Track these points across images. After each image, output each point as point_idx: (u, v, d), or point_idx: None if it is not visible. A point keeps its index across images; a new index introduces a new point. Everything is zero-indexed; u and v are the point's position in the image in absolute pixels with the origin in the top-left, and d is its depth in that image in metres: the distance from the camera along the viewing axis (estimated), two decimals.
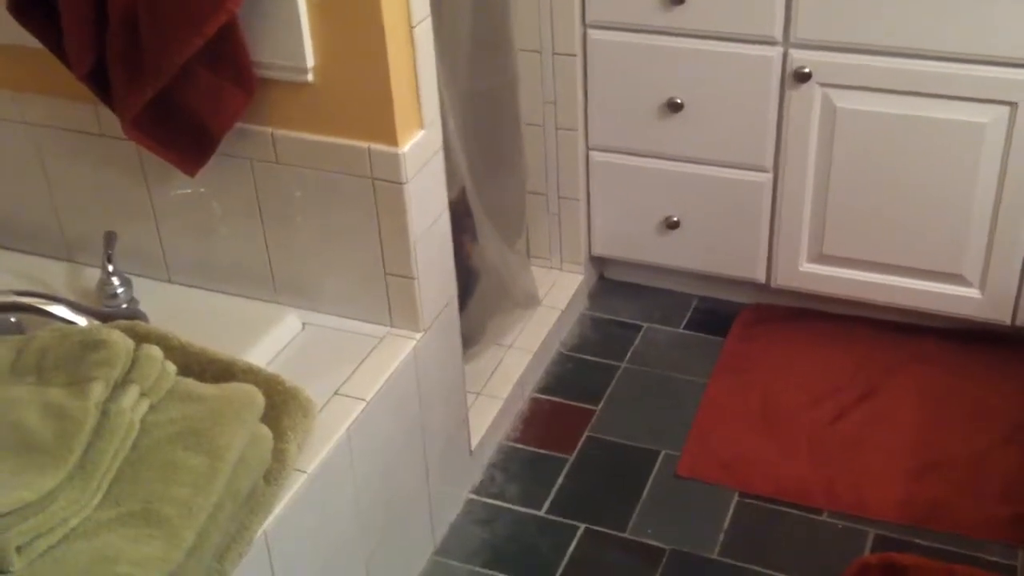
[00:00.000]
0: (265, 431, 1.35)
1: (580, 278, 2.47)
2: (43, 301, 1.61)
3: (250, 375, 1.50)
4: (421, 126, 1.66)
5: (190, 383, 1.33)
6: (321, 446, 1.54)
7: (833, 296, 2.34)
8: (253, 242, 1.79)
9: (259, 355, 1.70)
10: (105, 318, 1.65)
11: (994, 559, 1.85)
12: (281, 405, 1.49)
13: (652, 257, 2.44)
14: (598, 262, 2.54)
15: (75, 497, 1.20)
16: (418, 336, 1.76)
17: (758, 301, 2.46)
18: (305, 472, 1.49)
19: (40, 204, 1.92)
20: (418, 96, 1.64)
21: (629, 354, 2.36)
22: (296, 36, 1.56)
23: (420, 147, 1.66)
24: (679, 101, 2.21)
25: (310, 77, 1.60)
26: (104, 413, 1.21)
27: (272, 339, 1.74)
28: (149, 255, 1.88)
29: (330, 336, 1.77)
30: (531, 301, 2.33)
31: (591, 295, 2.53)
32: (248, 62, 1.58)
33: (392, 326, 1.77)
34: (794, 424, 2.15)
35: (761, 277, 2.36)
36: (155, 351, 1.30)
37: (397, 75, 1.58)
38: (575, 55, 2.22)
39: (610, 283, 2.57)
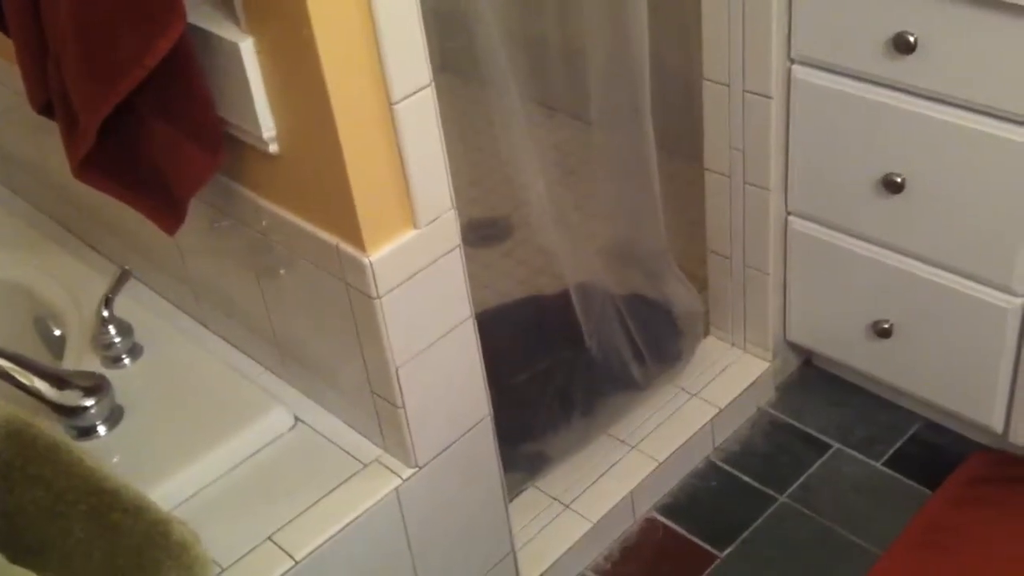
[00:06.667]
0: None
1: (766, 365, 1.93)
2: None
3: (128, 518, 1.21)
4: (413, 226, 1.25)
5: None
6: None
7: None
8: (257, 307, 1.49)
9: (231, 451, 1.43)
10: (58, 380, 1.45)
11: None
12: (155, 564, 1.20)
13: (858, 362, 1.85)
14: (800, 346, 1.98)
15: None
16: (407, 473, 1.38)
17: (998, 445, 1.80)
18: None
19: (90, 219, 1.73)
20: (407, 189, 1.23)
21: (797, 484, 1.82)
22: (248, 99, 1.21)
23: (407, 253, 1.25)
24: (899, 180, 1.60)
25: (273, 148, 1.24)
26: None
27: (252, 435, 1.44)
28: (181, 291, 1.64)
29: (313, 446, 1.44)
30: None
31: (784, 387, 1.98)
32: (209, 119, 1.24)
33: (385, 449, 1.41)
34: None
35: (996, 426, 1.72)
36: None
37: (363, 163, 1.18)
38: (771, 97, 1.66)
39: (817, 374, 2.00)
